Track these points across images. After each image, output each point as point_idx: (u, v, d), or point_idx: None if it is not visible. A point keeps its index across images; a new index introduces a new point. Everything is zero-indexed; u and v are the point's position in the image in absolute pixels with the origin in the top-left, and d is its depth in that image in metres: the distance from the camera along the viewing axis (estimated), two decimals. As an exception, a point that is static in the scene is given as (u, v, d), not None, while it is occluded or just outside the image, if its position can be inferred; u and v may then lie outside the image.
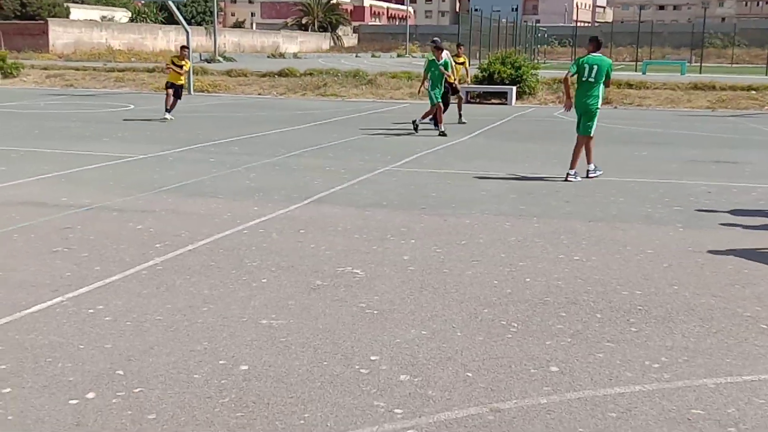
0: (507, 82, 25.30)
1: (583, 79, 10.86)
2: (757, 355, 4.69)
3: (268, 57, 62.53)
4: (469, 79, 22.30)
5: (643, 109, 23.97)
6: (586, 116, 11.02)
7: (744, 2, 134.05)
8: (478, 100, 25.43)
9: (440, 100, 16.14)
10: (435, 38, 17.50)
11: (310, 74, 31.99)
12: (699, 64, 49.23)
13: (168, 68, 18.45)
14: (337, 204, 8.99)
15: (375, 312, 5.35)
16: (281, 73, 32.61)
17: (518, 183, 10.64)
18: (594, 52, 10.91)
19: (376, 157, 12.72)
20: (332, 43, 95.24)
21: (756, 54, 62.58)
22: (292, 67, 34.00)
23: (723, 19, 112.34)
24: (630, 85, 28.07)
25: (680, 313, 5.44)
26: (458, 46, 20.68)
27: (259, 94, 27.75)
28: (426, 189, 10.04)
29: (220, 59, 48.91)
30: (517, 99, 25.18)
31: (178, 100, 18.51)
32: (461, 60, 19.76)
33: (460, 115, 18.60)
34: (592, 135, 11.05)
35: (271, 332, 4.95)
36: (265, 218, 8.17)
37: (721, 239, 7.57)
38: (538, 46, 67.75)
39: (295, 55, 67.31)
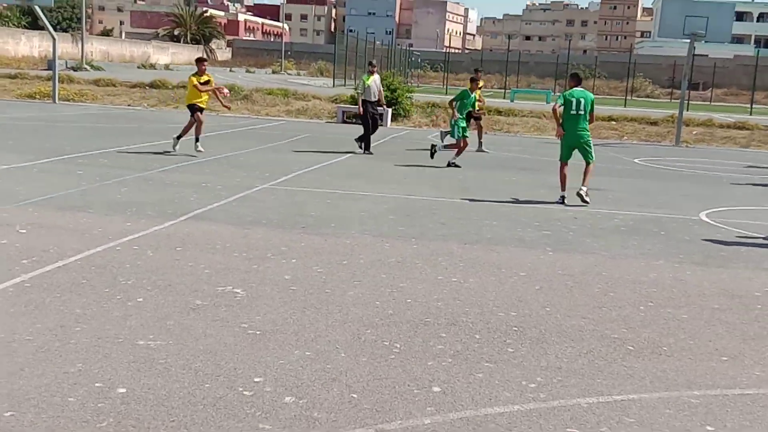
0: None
1: (572, 112, 11.54)
2: (626, 375, 4.93)
3: (139, 67, 60.77)
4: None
5: (512, 136, 24.84)
6: (582, 148, 11.81)
7: (604, 36, 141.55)
8: (353, 120, 25.61)
9: (466, 136, 15.24)
10: (372, 60, 17.93)
11: (183, 87, 31.34)
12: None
13: (197, 87, 14.58)
14: (215, 221, 8.83)
15: (257, 332, 5.28)
16: (152, 85, 31.84)
17: (396, 203, 10.79)
18: (576, 86, 11.68)
19: (255, 174, 12.59)
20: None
21: (615, 86, 66.08)
22: (164, 79, 33.26)
23: (585, 51, 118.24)
24: (499, 112, 29.08)
25: (553, 335, 5.65)
26: (476, 71, 18.98)
27: (129, 105, 26.94)
28: (305, 208, 10.02)
29: (87, 67, 47.21)
30: (392, 121, 25.56)
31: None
32: (480, 85, 18.94)
33: (481, 143, 18.63)
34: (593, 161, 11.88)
35: (150, 353, 4.79)
36: (138, 234, 7.92)
37: (588, 263, 7.93)
38: (412, 69, 68.99)
39: (166, 67, 65.69)
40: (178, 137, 14.68)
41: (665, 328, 5.96)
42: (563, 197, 11.77)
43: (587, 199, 11.58)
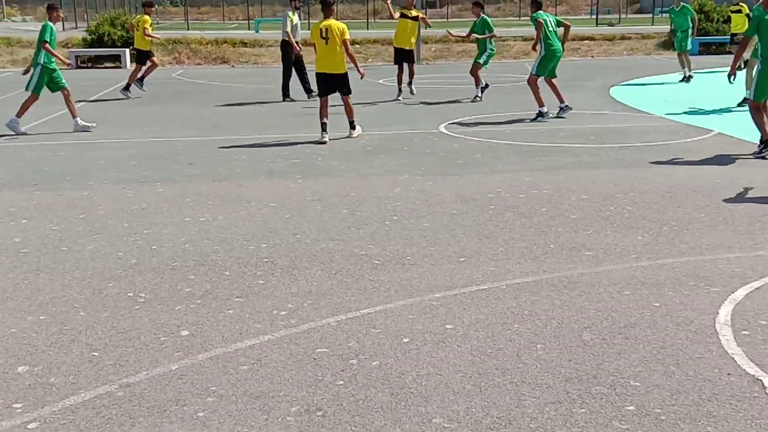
0: (119, 44, 24.29)
1: (551, 30, 12.22)
2: (372, 290, 5.09)
3: None
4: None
5: (260, 67, 24.55)
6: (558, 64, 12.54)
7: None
8: (89, 65, 24.10)
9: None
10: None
11: None
12: (307, 20, 51.53)
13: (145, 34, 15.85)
14: (-71, 189, 7.96)
15: (-17, 304, 4.85)
16: None
17: (139, 148, 10.30)
18: (538, 10, 12.28)
19: (-25, 134, 11.47)
20: None
21: (357, 9, 67.02)
22: None
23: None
24: (245, 44, 28.50)
25: (303, 260, 5.70)
26: None
27: None
28: (37, 163, 9.30)
29: None
30: (131, 62, 24.29)
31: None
32: (415, 14, 15.29)
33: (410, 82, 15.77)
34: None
35: None
36: None
37: (336, 186, 8.06)
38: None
39: None
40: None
41: (408, 238, 6.21)
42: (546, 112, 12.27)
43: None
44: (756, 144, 9.42)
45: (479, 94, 14.66)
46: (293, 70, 15.42)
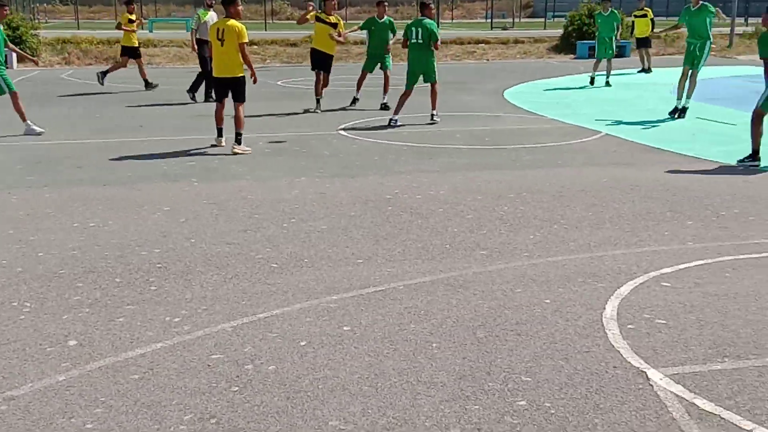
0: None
1: (413, 41, 12.02)
2: (270, 293, 5.05)
3: None
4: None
5: (154, 67, 23.96)
6: (428, 72, 12.21)
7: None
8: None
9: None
10: None
11: None
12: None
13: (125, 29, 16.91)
14: None
15: None
16: None
17: (25, 151, 9.90)
18: (422, 16, 12.18)
19: None
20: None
21: (255, 10, 66.27)
22: None
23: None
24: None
25: (198, 265, 5.60)
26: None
27: None
28: None
29: None
30: (18, 62, 23.33)
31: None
32: (334, 21, 13.77)
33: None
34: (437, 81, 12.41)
35: None
36: None
37: (233, 189, 7.95)
38: (38, 5, 63.34)
39: None
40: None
41: (307, 241, 6.19)
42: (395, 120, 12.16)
43: (437, 119, 12.38)
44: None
45: (385, 100, 14.27)
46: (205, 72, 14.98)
